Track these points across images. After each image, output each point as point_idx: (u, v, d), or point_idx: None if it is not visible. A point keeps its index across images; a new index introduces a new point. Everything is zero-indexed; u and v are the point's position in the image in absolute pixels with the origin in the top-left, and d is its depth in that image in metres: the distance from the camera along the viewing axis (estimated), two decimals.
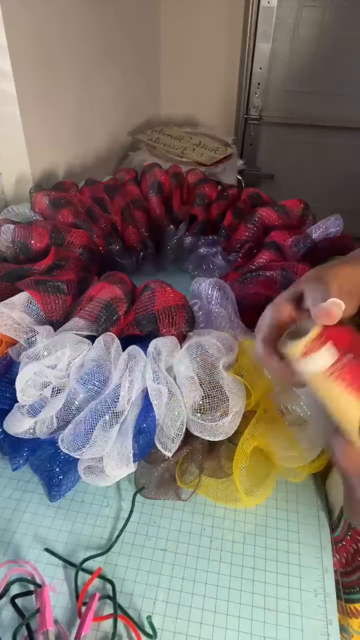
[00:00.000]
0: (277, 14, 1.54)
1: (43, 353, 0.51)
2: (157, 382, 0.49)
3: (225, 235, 0.85)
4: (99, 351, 0.52)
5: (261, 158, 1.86)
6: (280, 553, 0.49)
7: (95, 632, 0.43)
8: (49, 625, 0.41)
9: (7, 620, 0.43)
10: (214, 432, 0.49)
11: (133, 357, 0.51)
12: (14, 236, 0.69)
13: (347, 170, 1.78)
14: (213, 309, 0.58)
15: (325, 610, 0.45)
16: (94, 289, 0.59)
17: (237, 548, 0.49)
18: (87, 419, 0.48)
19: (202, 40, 1.63)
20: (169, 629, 0.43)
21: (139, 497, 0.53)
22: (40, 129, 0.96)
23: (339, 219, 0.74)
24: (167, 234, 0.87)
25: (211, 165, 1.29)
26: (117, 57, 1.29)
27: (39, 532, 0.50)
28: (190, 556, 0.49)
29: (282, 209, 0.81)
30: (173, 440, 0.48)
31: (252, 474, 0.51)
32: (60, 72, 1.00)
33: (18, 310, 0.55)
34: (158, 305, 0.56)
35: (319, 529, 0.51)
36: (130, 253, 0.84)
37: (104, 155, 1.29)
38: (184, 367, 0.51)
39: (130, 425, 0.48)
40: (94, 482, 0.49)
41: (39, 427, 0.50)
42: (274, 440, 0.50)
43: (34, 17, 0.87)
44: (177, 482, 0.52)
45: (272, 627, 0.44)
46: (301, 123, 1.74)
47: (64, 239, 0.73)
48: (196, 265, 0.86)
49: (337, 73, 1.62)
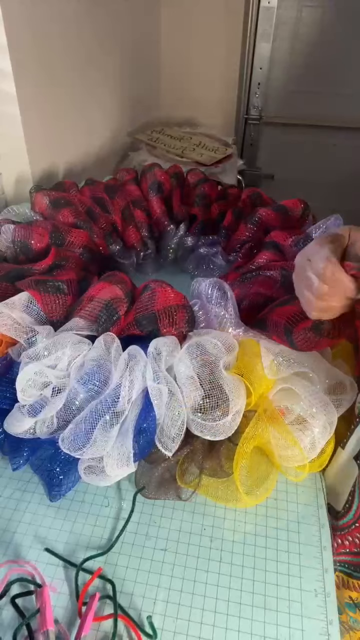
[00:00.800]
0: (277, 14, 1.54)
1: (43, 353, 0.51)
2: (157, 382, 0.49)
3: (225, 235, 0.85)
4: (99, 351, 0.52)
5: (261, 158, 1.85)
6: (280, 553, 0.49)
7: (95, 632, 0.43)
8: (49, 625, 0.41)
9: (7, 620, 0.43)
10: (215, 431, 0.49)
11: (133, 357, 0.51)
12: (14, 236, 0.69)
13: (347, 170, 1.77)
14: (213, 309, 0.58)
15: (325, 610, 0.45)
16: (94, 289, 0.59)
17: (237, 548, 0.49)
18: (88, 419, 0.48)
19: (202, 40, 1.63)
20: (169, 629, 0.43)
21: (139, 497, 0.53)
22: (40, 129, 0.96)
23: (338, 218, 0.74)
24: (167, 234, 0.87)
25: (211, 165, 1.29)
26: (117, 57, 1.29)
27: (39, 532, 0.50)
28: (190, 556, 0.49)
29: (282, 209, 0.81)
30: (173, 440, 0.48)
31: (253, 474, 0.51)
32: (60, 72, 1.00)
33: (18, 310, 0.55)
34: (158, 305, 0.56)
35: (319, 529, 0.51)
36: (131, 253, 0.84)
37: (104, 155, 1.29)
38: (184, 366, 0.51)
39: (131, 425, 0.48)
40: (94, 482, 0.49)
41: (39, 427, 0.50)
42: (274, 440, 0.51)
43: (34, 17, 0.87)
44: (177, 482, 0.52)
45: (272, 627, 0.44)
46: (301, 123, 1.74)
47: (64, 239, 0.73)
48: (196, 265, 0.86)
49: (337, 73, 1.62)
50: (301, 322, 0.53)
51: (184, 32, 1.62)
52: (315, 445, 0.51)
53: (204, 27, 1.61)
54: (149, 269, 0.87)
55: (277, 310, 0.57)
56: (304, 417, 0.51)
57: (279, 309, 0.57)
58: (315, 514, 0.53)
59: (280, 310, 0.56)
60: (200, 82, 1.71)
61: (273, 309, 0.59)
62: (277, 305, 0.59)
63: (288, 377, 0.53)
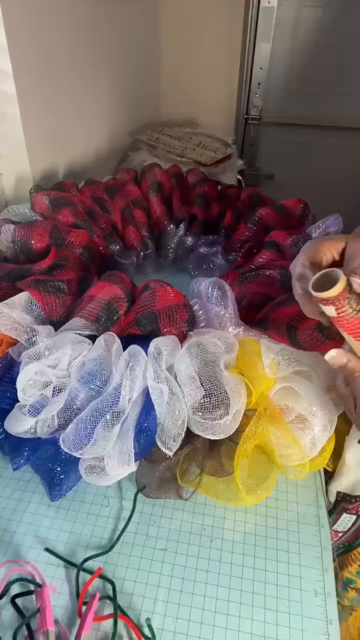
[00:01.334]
0: (277, 14, 1.54)
1: (44, 353, 0.51)
2: (158, 381, 0.49)
3: (225, 235, 0.85)
4: (100, 351, 0.52)
5: (261, 158, 1.86)
6: (280, 553, 0.49)
7: (95, 632, 0.43)
8: (49, 625, 0.41)
9: (7, 620, 0.43)
10: (215, 430, 0.49)
11: (134, 356, 0.51)
12: (15, 236, 0.69)
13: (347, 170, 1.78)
14: (213, 309, 0.58)
15: (325, 610, 0.45)
16: (94, 289, 0.59)
17: (237, 548, 0.49)
18: (88, 419, 0.48)
19: (202, 40, 1.63)
20: (169, 629, 0.43)
21: (139, 497, 0.53)
22: (40, 129, 0.96)
23: (338, 218, 0.74)
24: (167, 233, 0.87)
25: (211, 165, 1.29)
26: (117, 57, 1.29)
27: (39, 532, 0.50)
28: (190, 556, 0.49)
29: (282, 208, 0.81)
30: (174, 439, 0.48)
31: (253, 473, 0.51)
32: (60, 72, 1.00)
33: (18, 310, 0.55)
34: (158, 305, 0.56)
35: (319, 529, 0.51)
36: (130, 253, 0.84)
37: (104, 155, 1.29)
38: (185, 366, 0.51)
39: (132, 425, 0.48)
40: (95, 481, 0.49)
41: (40, 426, 0.50)
42: (274, 439, 0.51)
43: (34, 18, 0.87)
44: (178, 481, 0.52)
45: (272, 627, 0.44)
46: (301, 123, 1.74)
47: (64, 238, 0.73)
48: (196, 264, 0.86)
49: (337, 73, 1.62)
50: (304, 322, 0.53)
51: (184, 32, 1.62)
52: (316, 444, 0.51)
53: (204, 27, 1.61)
54: (149, 269, 0.87)
55: (281, 308, 0.57)
56: (304, 415, 0.51)
57: (282, 307, 0.57)
58: (315, 514, 0.53)
59: (283, 309, 0.56)
60: (200, 82, 1.71)
61: (275, 307, 0.58)
62: (280, 304, 0.58)
63: (288, 376, 0.53)
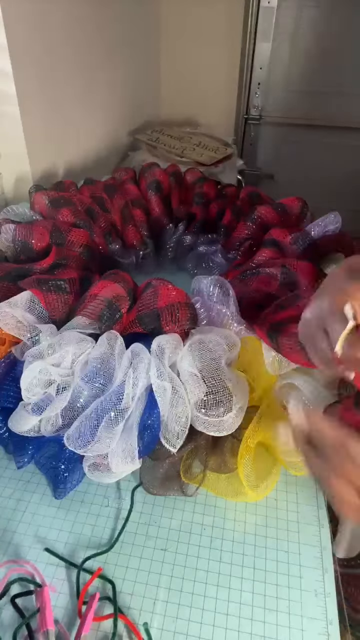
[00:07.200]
0: (277, 14, 1.54)
1: (47, 351, 0.51)
2: (161, 379, 0.49)
3: (225, 234, 0.85)
4: (103, 349, 0.52)
5: (261, 158, 1.86)
6: (280, 553, 0.49)
7: (95, 632, 0.42)
8: (49, 625, 0.41)
9: (7, 620, 0.43)
10: (218, 427, 0.49)
11: (137, 354, 0.51)
12: (15, 236, 0.69)
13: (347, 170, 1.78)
14: (214, 307, 0.58)
15: (325, 610, 0.45)
16: (96, 288, 0.59)
17: (237, 548, 0.49)
18: (92, 417, 0.48)
19: (202, 40, 1.63)
20: (169, 629, 0.43)
21: (139, 497, 0.53)
22: (40, 129, 0.96)
23: (337, 216, 0.75)
24: (167, 232, 0.87)
25: (211, 165, 1.29)
26: (117, 57, 1.29)
27: (39, 532, 0.50)
28: (190, 556, 0.49)
29: (281, 207, 0.81)
30: (178, 436, 0.48)
31: (256, 469, 0.51)
32: (60, 72, 1.00)
33: (21, 309, 0.55)
34: (161, 303, 0.56)
35: (319, 529, 0.51)
36: (130, 252, 0.84)
37: (104, 155, 1.29)
38: (187, 364, 0.51)
39: (135, 422, 0.48)
40: (99, 479, 0.49)
41: (44, 425, 0.50)
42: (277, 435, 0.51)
43: (34, 18, 0.87)
44: (181, 477, 0.52)
45: (272, 627, 0.44)
46: (301, 123, 1.74)
47: (64, 238, 0.73)
48: (196, 263, 0.86)
49: (337, 73, 1.62)
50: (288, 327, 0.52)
51: (184, 32, 1.62)
52: None
53: (204, 27, 1.61)
54: (148, 268, 0.87)
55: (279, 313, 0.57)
56: None
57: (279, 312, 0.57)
58: (315, 514, 0.53)
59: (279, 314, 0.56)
60: (200, 82, 1.71)
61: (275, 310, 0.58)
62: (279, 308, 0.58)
63: (289, 372, 0.53)
